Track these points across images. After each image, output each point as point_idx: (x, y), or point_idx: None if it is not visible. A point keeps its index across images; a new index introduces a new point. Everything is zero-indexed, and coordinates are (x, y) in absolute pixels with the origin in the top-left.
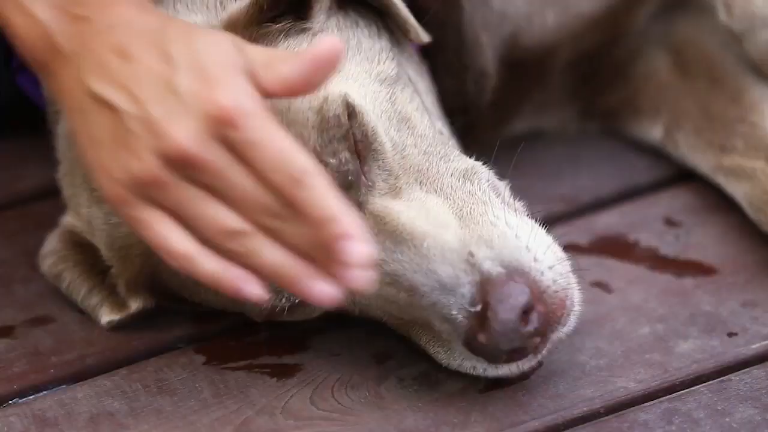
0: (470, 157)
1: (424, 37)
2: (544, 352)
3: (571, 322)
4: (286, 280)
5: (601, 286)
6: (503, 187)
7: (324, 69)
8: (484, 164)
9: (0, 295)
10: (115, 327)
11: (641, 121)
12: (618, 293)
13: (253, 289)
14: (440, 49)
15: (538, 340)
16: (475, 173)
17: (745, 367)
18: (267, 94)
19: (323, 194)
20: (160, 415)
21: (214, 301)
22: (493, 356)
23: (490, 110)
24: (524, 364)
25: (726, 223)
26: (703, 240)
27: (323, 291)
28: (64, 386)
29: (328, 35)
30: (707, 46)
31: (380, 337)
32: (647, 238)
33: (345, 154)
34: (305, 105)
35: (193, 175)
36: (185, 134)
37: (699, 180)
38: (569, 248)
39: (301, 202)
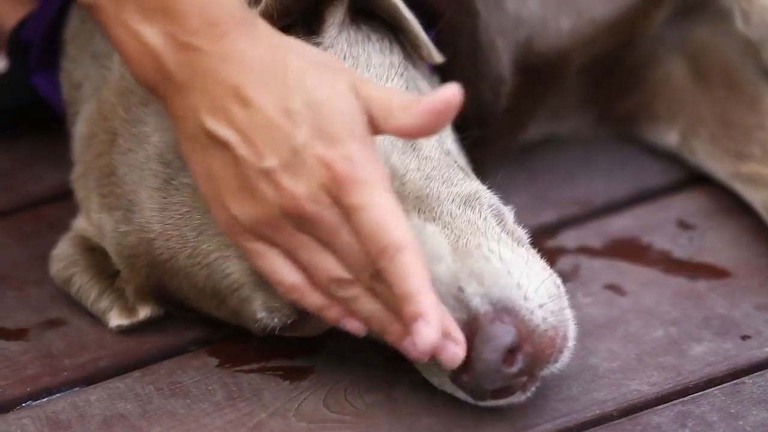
0: (477, 178)
1: (437, 57)
2: (533, 389)
3: (565, 358)
4: (380, 328)
5: (615, 288)
6: (507, 212)
7: (444, 118)
8: (488, 189)
9: (13, 298)
10: (125, 331)
11: (657, 126)
12: (631, 296)
13: (352, 325)
14: (455, 55)
15: (524, 379)
16: (477, 198)
17: (759, 370)
18: (383, 134)
19: (407, 272)
20: (173, 417)
21: (216, 313)
22: (477, 394)
23: (505, 117)
24: (513, 400)
25: (740, 226)
26: (716, 243)
27: (413, 344)
28: (77, 389)
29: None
30: (724, 51)
31: None
32: (660, 241)
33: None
34: None
35: (307, 226)
36: (302, 192)
37: (713, 183)
38: (582, 251)
39: (385, 274)
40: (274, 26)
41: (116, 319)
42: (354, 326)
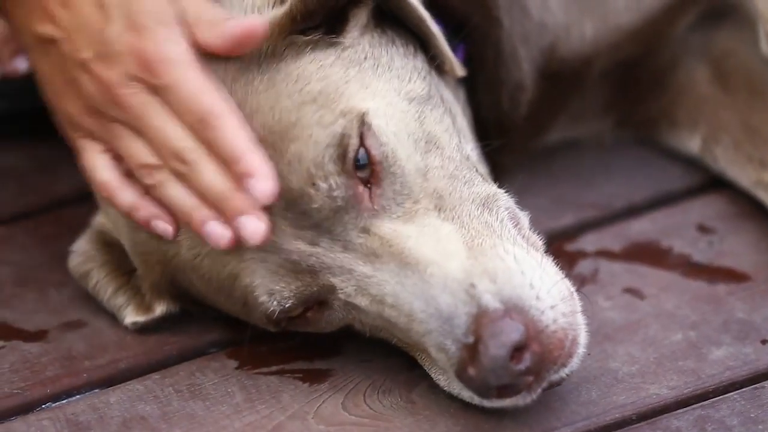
0: (496, 181)
1: (459, 71)
2: (539, 390)
3: (575, 363)
4: (186, 216)
5: (634, 292)
6: (523, 217)
7: (243, 45)
8: (507, 192)
9: (34, 300)
10: (140, 329)
11: (678, 132)
12: (651, 300)
13: (160, 225)
14: (479, 63)
15: (530, 378)
16: (495, 201)
17: None
18: (203, 47)
19: (230, 135)
20: (193, 419)
21: (228, 306)
22: (482, 390)
23: (526, 123)
24: (518, 401)
25: (759, 231)
26: (736, 247)
27: (215, 232)
28: (96, 390)
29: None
30: (747, 58)
31: None
32: (680, 244)
33: (336, 179)
34: (315, 119)
35: (122, 114)
36: (114, 78)
37: (732, 187)
38: (601, 255)
39: (210, 142)
40: (296, 27)
41: (132, 316)
42: (162, 228)
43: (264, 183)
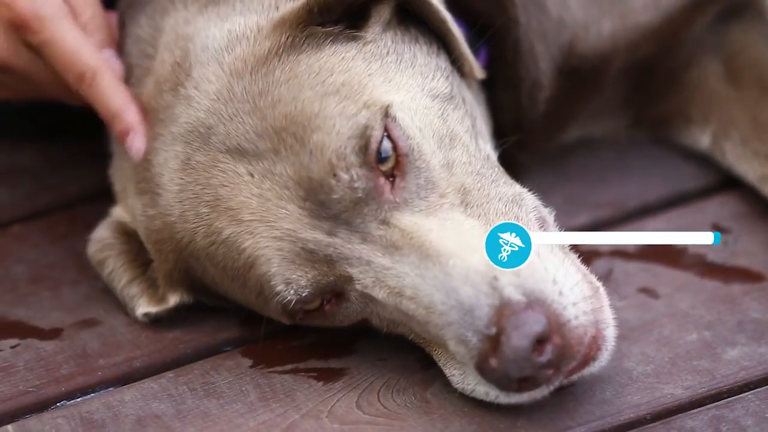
0: (517, 182)
1: (479, 73)
2: (556, 383)
3: (603, 359)
4: None
5: (649, 292)
6: (548, 215)
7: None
8: (530, 191)
9: (48, 298)
10: (155, 325)
11: (690, 128)
12: (665, 299)
13: None
14: (500, 64)
15: (551, 372)
16: (522, 200)
17: None
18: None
19: (108, 94)
20: (207, 417)
21: (243, 297)
22: (503, 383)
23: (544, 121)
24: (536, 394)
25: None
26: (751, 247)
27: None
28: (111, 388)
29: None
30: (759, 55)
31: None
32: (695, 244)
33: (357, 171)
34: (337, 110)
35: (8, 76)
36: None
37: (747, 187)
38: (616, 254)
39: (90, 99)
40: (313, 20)
41: (144, 307)
42: None
43: (140, 141)
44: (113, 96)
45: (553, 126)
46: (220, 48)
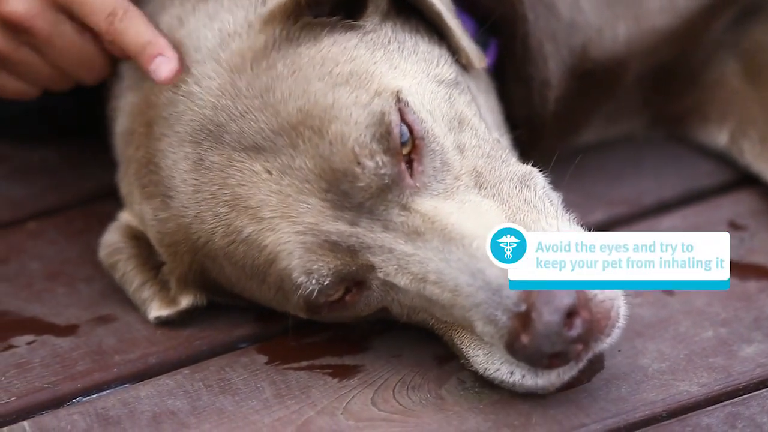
0: (528, 164)
1: (476, 62)
2: (585, 360)
3: (615, 335)
4: None
5: None
6: (556, 197)
7: None
8: (541, 171)
9: (64, 294)
10: (167, 323)
11: (708, 127)
12: (681, 296)
13: None
14: (510, 59)
15: (580, 347)
16: (532, 179)
17: None
18: None
19: (138, 25)
20: (222, 414)
21: (261, 294)
22: (534, 359)
23: (556, 120)
24: (564, 373)
25: None
26: (767, 244)
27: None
28: (127, 385)
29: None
30: None
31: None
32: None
33: (382, 157)
34: (351, 99)
35: (30, 38)
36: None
37: (763, 184)
38: None
39: (121, 34)
40: (302, 12)
41: (156, 311)
42: None
43: (171, 62)
44: (145, 28)
45: (566, 127)
46: (214, 46)
